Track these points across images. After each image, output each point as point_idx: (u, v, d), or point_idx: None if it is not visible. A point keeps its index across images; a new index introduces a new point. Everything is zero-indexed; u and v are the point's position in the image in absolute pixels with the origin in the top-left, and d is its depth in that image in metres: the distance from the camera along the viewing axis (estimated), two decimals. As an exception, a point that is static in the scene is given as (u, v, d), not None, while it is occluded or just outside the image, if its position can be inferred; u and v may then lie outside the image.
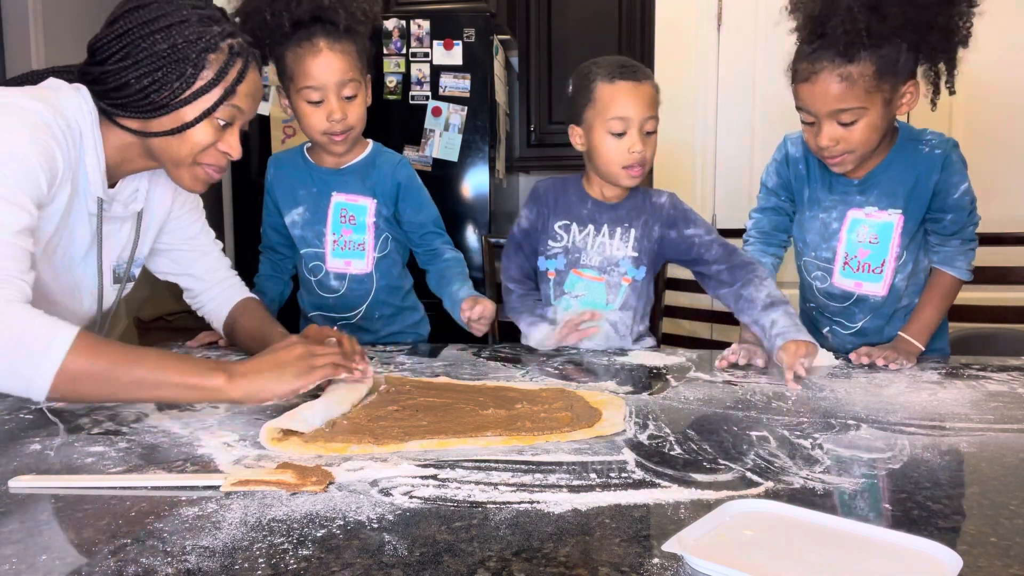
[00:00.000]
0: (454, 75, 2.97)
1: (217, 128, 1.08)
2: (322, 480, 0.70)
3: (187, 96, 1.05)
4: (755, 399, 1.06)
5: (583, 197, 1.49)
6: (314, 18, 1.40)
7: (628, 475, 0.73)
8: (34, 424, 0.94)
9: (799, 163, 1.47)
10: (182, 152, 1.08)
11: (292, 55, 1.42)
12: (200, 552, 0.56)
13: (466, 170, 3.01)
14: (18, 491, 0.69)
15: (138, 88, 1.03)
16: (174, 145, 1.07)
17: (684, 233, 1.47)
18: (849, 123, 1.27)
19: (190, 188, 1.14)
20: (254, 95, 1.13)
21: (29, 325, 0.86)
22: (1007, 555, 0.55)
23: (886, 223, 1.38)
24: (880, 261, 1.40)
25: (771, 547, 0.56)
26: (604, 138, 1.39)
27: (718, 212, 2.87)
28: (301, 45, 1.40)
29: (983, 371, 1.25)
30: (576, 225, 1.48)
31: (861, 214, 1.40)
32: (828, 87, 1.26)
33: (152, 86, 1.03)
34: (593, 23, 3.50)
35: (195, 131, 1.07)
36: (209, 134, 1.08)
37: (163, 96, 1.04)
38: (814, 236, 1.46)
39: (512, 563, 0.54)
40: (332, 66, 1.41)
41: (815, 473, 0.73)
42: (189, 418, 0.94)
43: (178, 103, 1.05)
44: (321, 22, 1.40)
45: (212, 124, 1.07)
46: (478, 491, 0.68)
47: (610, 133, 1.38)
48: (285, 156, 1.62)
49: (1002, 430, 0.89)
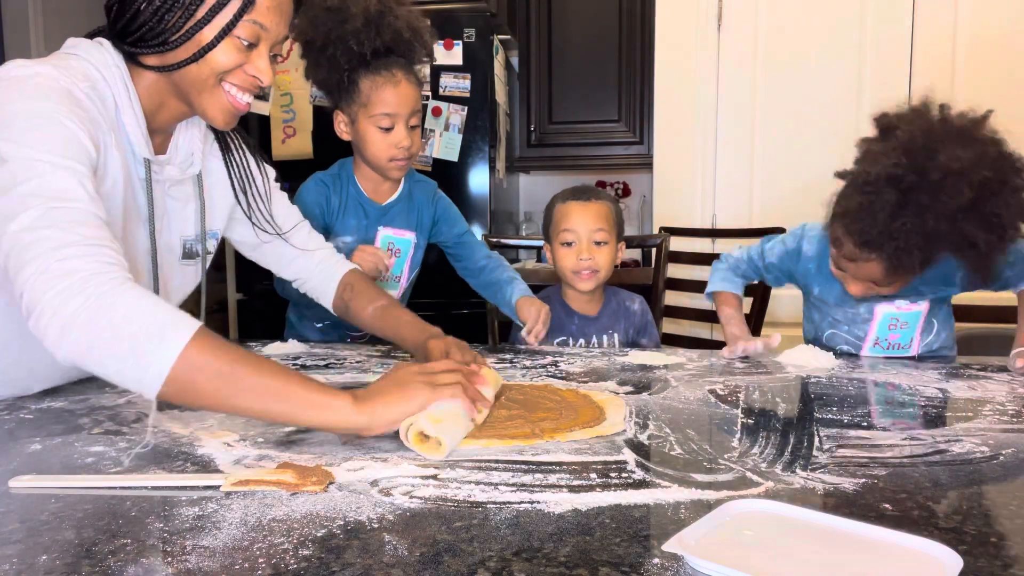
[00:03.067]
0: (454, 75, 2.97)
1: (241, 48, 1.00)
2: (322, 480, 0.70)
3: (202, 15, 0.97)
4: (756, 399, 1.06)
5: (569, 312, 1.68)
6: (388, 50, 1.51)
7: (628, 475, 0.73)
8: (34, 424, 0.94)
9: (811, 263, 1.48)
10: (203, 74, 1.00)
11: (369, 82, 1.51)
12: (200, 552, 0.56)
13: (466, 170, 3.01)
14: (18, 491, 0.69)
15: (150, 13, 0.97)
16: (194, 71, 1.00)
17: (643, 343, 1.71)
18: (885, 284, 1.29)
19: (217, 120, 1.05)
20: (279, 9, 1.02)
21: (148, 313, 0.78)
22: (1007, 555, 0.55)
23: (915, 312, 1.42)
24: (909, 340, 1.45)
25: (771, 547, 0.56)
26: (558, 253, 1.66)
27: (718, 212, 2.87)
28: (380, 74, 1.51)
29: (983, 371, 1.25)
30: (571, 340, 1.66)
31: (892, 307, 1.42)
32: (871, 271, 1.26)
33: (164, 6, 0.96)
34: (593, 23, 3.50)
35: (216, 53, 0.99)
36: (232, 54, 1.00)
37: (176, 17, 0.97)
38: (841, 316, 1.48)
39: (512, 563, 0.54)
40: (407, 96, 1.53)
41: (815, 473, 0.73)
42: (189, 418, 0.94)
43: (194, 25, 0.97)
44: (395, 55, 1.52)
45: (234, 44, 0.99)
46: (478, 491, 0.68)
47: (561, 243, 1.64)
48: (339, 183, 1.65)
49: (1002, 430, 0.89)
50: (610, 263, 1.64)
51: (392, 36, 1.50)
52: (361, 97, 1.52)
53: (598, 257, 1.62)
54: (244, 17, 0.99)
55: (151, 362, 0.77)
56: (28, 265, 0.80)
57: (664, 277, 2.08)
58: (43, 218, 0.83)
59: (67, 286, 0.79)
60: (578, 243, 1.62)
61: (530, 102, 3.56)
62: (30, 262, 0.80)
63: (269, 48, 1.04)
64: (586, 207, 1.63)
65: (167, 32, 0.98)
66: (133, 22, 0.99)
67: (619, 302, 1.71)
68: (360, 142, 1.57)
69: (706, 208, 2.88)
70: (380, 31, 1.48)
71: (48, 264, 0.80)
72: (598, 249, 1.62)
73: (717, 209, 2.87)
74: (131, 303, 0.79)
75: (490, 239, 2.05)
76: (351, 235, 1.62)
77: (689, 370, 1.27)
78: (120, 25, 1.00)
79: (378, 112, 1.52)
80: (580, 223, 1.62)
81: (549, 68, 3.54)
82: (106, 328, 0.77)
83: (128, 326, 0.77)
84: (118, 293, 0.80)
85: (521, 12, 3.53)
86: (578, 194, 1.66)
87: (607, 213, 1.64)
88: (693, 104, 2.84)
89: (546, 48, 3.54)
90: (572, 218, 1.63)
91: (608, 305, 1.70)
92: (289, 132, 2.98)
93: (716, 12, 2.81)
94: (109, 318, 0.78)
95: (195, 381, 0.78)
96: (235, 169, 1.22)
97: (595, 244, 1.62)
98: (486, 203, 3.03)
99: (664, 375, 1.22)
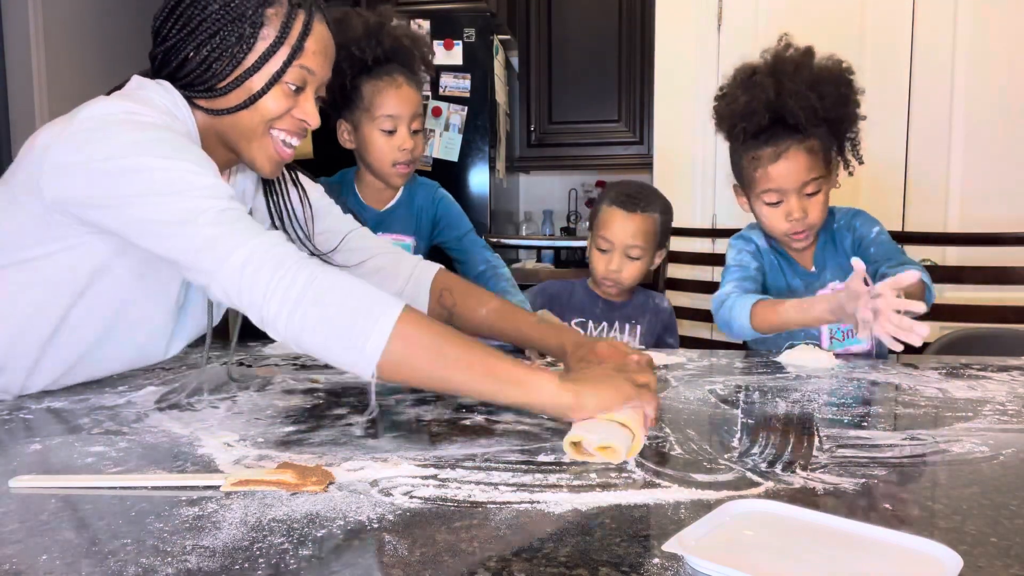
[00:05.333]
0: (454, 75, 2.98)
1: (289, 94, 1.01)
2: (322, 480, 0.70)
3: (252, 63, 0.98)
4: (756, 398, 1.06)
5: (593, 298, 1.69)
6: (388, 58, 1.55)
7: (628, 475, 0.73)
8: (34, 424, 0.94)
9: (769, 254, 1.55)
10: (254, 122, 1.01)
11: (371, 87, 1.55)
12: (200, 552, 0.56)
13: (466, 170, 3.01)
14: (18, 491, 0.69)
15: (199, 60, 0.97)
16: (244, 118, 1.01)
17: (669, 342, 1.72)
18: (813, 193, 1.43)
19: (264, 170, 1.06)
20: (325, 53, 1.03)
21: (361, 294, 0.83)
22: (1007, 555, 0.55)
23: None
24: None
25: (771, 547, 0.56)
26: (592, 253, 1.66)
27: (718, 212, 2.87)
28: (382, 79, 1.55)
29: (983, 371, 1.25)
30: (592, 323, 1.66)
31: (826, 291, 1.47)
32: (798, 161, 1.40)
33: (212, 54, 0.97)
34: (593, 23, 3.50)
35: (266, 100, 1.00)
36: (281, 101, 1.01)
37: (224, 64, 0.97)
38: None
39: (512, 563, 0.54)
40: (409, 98, 1.57)
41: (815, 473, 0.73)
42: (189, 418, 0.94)
43: (243, 74, 0.98)
44: (396, 62, 1.56)
45: (283, 90, 1.00)
46: (478, 491, 0.68)
47: (597, 249, 1.65)
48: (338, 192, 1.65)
49: (1002, 430, 0.89)
50: (638, 276, 1.63)
51: (392, 43, 1.54)
52: (364, 102, 1.55)
53: (626, 270, 1.61)
54: (293, 63, 0.99)
55: (366, 343, 0.81)
56: (233, 254, 0.85)
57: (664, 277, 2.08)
58: (224, 213, 0.87)
59: (284, 272, 0.84)
60: (611, 252, 1.61)
61: (530, 102, 3.56)
62: (234, 250, 0.85)
63: (315, 91, 1.05)
64: (628, 219, 1.60)
65: (214, 79, 0.99)
66: (181, 69, 0.99)
67: (648, 298, 1.71)
68: (363, 148, 1.59)
69: (706, 208, 2.88)
70: (380, 40, 1.53)
71: (253, 254, 0.85)
72: (629, 262, 1.61)
73: (717, 209, 2.87)
74: (343, 285, 0.84)
75: (490, 239, 2.05)
76: None
77: (689, 370, 1.27)
78: (167, 72, 1.01)
79: (380, 115, 1.55)
80: (618, 234, 1.60)
81: (549, 68, 3.54)
82: (331, 306, 0.82)
83: (341, 308, 0.82)
84: (328, 275, 0.84)
85: (521, 12, 3.54)
86: (626, 201, 1.61)
87: (649, 228, 1.61)
88: (693, 104, 2.84)
89: (546, 48, 3.54)
90: (612, 227, 1.61)
91: (636, 298, 1.70)
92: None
93: (716, 12, 2.81)
94: (331, 299, 0.83)
95: (408, 360, 0.82)
96: (274, 206, 1.19)
97: (627, 258, 1.61)
98: (486, 203, 3.03)
99: (664, 375, 1.22)
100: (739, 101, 1.42)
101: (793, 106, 1.37)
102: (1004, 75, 2.60)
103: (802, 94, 1.37)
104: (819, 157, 1.42)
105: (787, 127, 1.40)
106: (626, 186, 1.67)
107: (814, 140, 1.41)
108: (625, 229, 1.60)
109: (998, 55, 2.61)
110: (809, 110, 1.37)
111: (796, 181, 1.41)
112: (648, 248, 1.62)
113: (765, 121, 1.41)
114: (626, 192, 1.64)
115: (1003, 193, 2.61)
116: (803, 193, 1.42)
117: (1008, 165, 2.61)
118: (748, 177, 1.47)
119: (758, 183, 1.45)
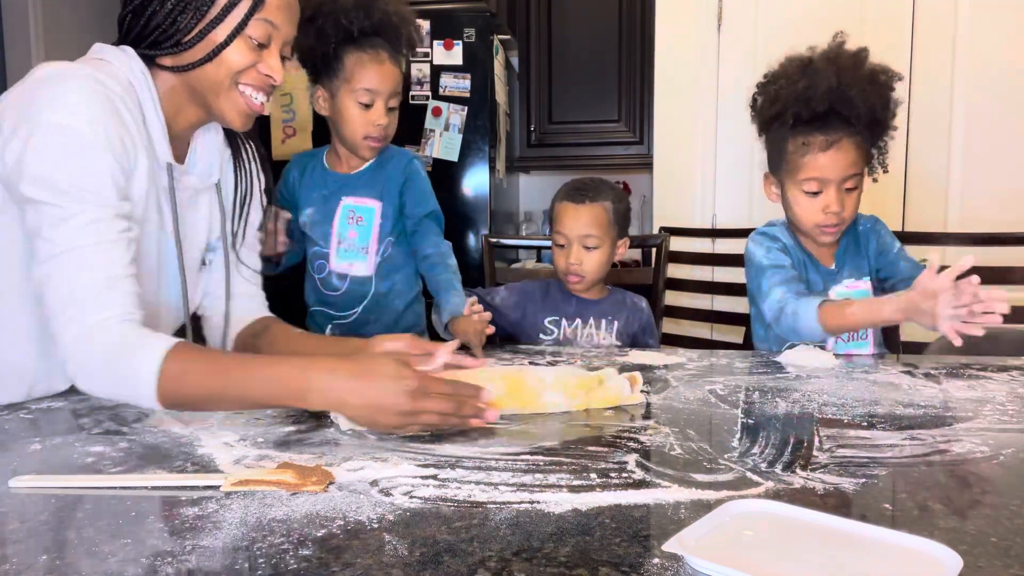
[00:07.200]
0: (454, 75, 2.97)
1: (253, 48, 1.03)
2: (322, 480, 0.70)
3: (214, 15, 1.00)
4: (756, 398, 1.06)
5: (567, 296, 1.67)
6: (375, 32, 1.55)
7: (628, 475, 0.73)
8: (34, 424, 0.94)
9: (796, 251, 1.54)
10: (219, 76, 1.03)
11: (355, 58, 1.54)
12: (200, 552, 0.56)
13: (466, 170, 3.01)
14: (18, 491, 0.69)
15: (163, 14, 1.00)
16: (210, 72, 1.03)
17: (649, 343, 1.70)
18: (851, 189, 1.43)
19: (235, 122, 1.08)
20: (289, 7, 1.06)
21: (123, 339, 0.89)
22: (1007, 555, 0.55)
23: (863, 291, 1.48)
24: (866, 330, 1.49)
25: (771, 547, 0.56)
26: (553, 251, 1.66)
27: (718, 212, 2.87)
28: (366, 51, 1.54)
29: (983, 371, 1.25)
30: (565, 320, 1.65)
31: (842, 287, 1.49)
32: (848, 153, 1.41)
33: (176, 8, 0.99)
34: (593, 23, 3.50)
35: (229, 52, 1.02)
36: (245, 54, 1.03)
37: (188, 18, 1.00)
38: None
39: (512, 563, 0.54)
40: (390, 75, 1.56)
41: (815, 473, 0.73)
42: (189, 418, 0.94)
43: (207, 26, 1.00)
44: (382, 37, 1.56)
45: (246, 43, 1.02)
46: (478, 491, 0.68)
47: (555, 246, 1.64)
48: (306, 158, 1.69)
49: (1002, 430, 0.89)
50: (600, 266, 1.62)
51: (381, 18, 1.54)
52: (344, 72, 1.54)
53: (587, 262, 1.60)
54: (255, 16, 1.02)
55: (139, 383, 0.86)
56: (60, 315, 0.91)
57: (664, 277, 2.08)
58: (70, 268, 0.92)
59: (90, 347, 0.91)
60: (568, 246, 1.61)
61: (530, 102, 3.56)
62: (60, 315, 0.92)
63: (279, 47, 1.07)
64: (578, 210, 1.61)
65: (180, 33, 1.01)
66: (147, 26, 1.02)
67: (626, 297, 1.71)
68: (337, 117, 1.58)
69: (706, 208, 2.88)
70: (369, 12, 1.53)
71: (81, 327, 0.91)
72: (587, 253, 1.60)
73: (717, 209, 2.87)
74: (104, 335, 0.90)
75: (490, 239, 2.05)
76: (312, 206, 1.63)
77: (689, 370, 1.27)
78: (135, 32, 1.03)
79: (359, 87, 1.54)
80: (571, 226, 1.60)
81: (549, 68, 3.54)
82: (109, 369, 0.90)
83: (107, 355, 0.89)
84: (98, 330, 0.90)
85: (521, 12, 3.53)
86: (574, 194, 1.63)
87: (601, 216, 1.61)
88: (693, 104, 2.84)
89: (546, 48, 3.54)
90: (564, 220, 1.62)
91: (613, 296, 1.70)
92: (289, 132, 2.98)
93: (716, 12, 2.80)
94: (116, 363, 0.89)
95: (181, 390, 0.87)
96: (242, 182, 1.22)
97: (585, 248, 1.60)
98: (486, 203, 3.03)
99: (664, 375, 1.22)
100: (797, 85, 1.41)
101: (855, 97, 1.38)
102: (1004, 75, 2.60)
103: (863, 88, 1.38)
104: (863, 154, 1.43)
105: (840, 118, 1.40)
106: (577, 182, 1.68)
107: (860, 136, 1.41)
108: (577, 220, 1.60)
109: (998, 55, 2.61)
110: (867, 104, 1.38)
111: (841, 173, 1.41)
112: (604, 236, 1.61)
113: (823, 107, 1.39)
114: (575, 186, 1.65)
115: (1003, 193, 2.61)
116: (843, 187, 1.42)
117: (1008, 165, 2.61)
118: (792, 163, 1.45)
119: (802, 170, 1.43)
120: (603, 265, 1.63)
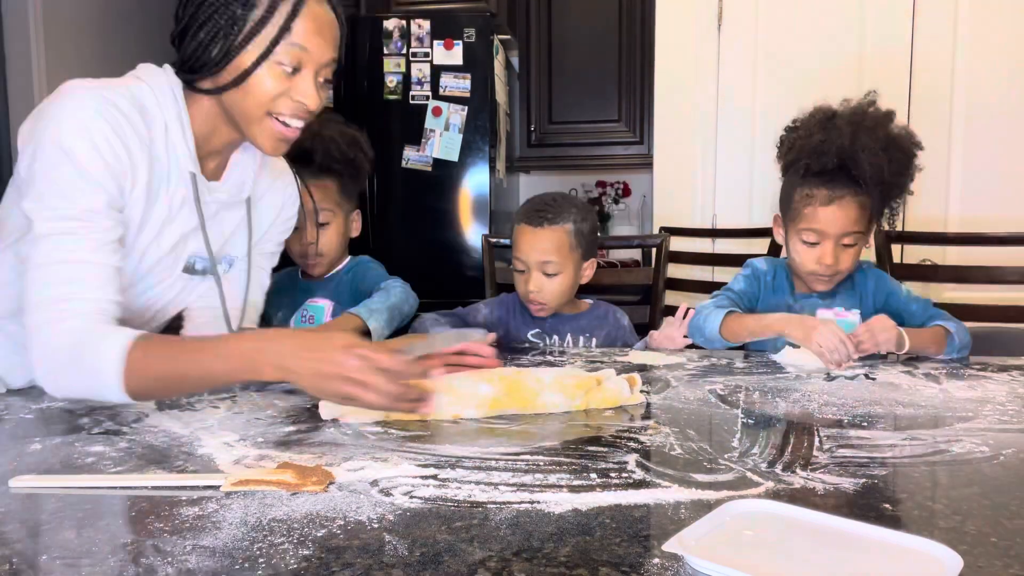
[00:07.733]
0: (454, 75, 2.98)
1: (283, 75, 1.01)
2: (322, 480, 0.70)
3: (241, 39, 0.99)
4: (756, 398, 1.06)
5: None
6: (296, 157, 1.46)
7: (628, 475, 0.73)
8: (34, 424, 0.94)
9: (768, 275, 1.60)
10: (249, 104, 1.02)
11: None
12: (200, 552, 0.56)
13: (466, 170, 3.01)
14: (18, 491, 0.69)
15: (198, 43, 1.01)
16: (239, 98, 1.02)
17: None
18: (849, 245, 1.45)
19: (264, 147, 1.07)
20: (321, 33, 1.02)
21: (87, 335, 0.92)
22: (1007, 555, 0.55)
23: (851, 323, 1.48)
24: None
25: (771, 547, 0.56)
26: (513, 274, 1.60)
27: (718, 212, 2.87)
28: None
29: (983, 371, 1.25)
30: (544, 334, 1.60)
31: (830, 313, 1.51)
32: (848, 211, 1.43)
33: (207, 36, 1.00)
34: (593, 23, 3.50)
35: (257, 78, 1.00)
36: (273, 81, 1.01)
37: (219, 45, 1.00)
38: None
39: (512, 563, 0.54)
40: None
41: (815, 473, 0.73)
42: (189, 418, 0.94)
43: (235, 50, 0.99)
44: (302, 160, 1.50)
45: (275, 69, 1.01)
46: (478, 491, 0.68)
47: (514, 270, 1.58)
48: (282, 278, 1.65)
49: (1002, 430, 0.89)
50: (562, 292, 1.54)
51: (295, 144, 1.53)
52: None
53: (547, 289, 1.52)
54: (282, 40, 1.00)
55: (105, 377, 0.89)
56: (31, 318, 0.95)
57: (664, 277, 2.08)
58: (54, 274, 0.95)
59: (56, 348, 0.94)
60: (527, 271, 1.52)
61: (530, 102, 3.56)
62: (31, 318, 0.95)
63: (315, 72, 1.04)
64: (536, 235, 1.51)
65: (211, 56, 1.02)
66: (187, 51, 1.03)
67: (608, 312, 1.64)
68: None
69: (706, 208, 2.88)
70: None
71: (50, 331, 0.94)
72: (547, 280, 1.51)
73: (717, 209, 2.87)
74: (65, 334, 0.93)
75: (490, 239, 2.05)
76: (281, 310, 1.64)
77: (689, 370, 1.27)
78: (181, 55, 1.05)
79: None
80: (528, 252, 1.52)
81: (549, 68, 3.54)
82: None
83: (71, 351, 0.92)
84: None
85: (521, 12, 3.53)
86: (532, 216, 1.53)
87: (561, 240, 1.51)
88: (693, 104, 2.84)
89: (546, 48, 3.54)
90: (522, 245, 1.53)
91: (594, 310, 1.63)
92: (289, 132, 2.97)
93: (716, 12, 2.80)
94: None
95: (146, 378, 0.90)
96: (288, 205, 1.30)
97: (545, 275, 1.51)
98: (486, 203, 3.03)
99: (664, 375, 1.22)
100: (813, 138, 1.45)
101: (863, 160, 1.40)
102: (1004, 75, 2.60)
103: (875, 152, 1.40)
104: (866, 214, 1.45)
105: (848, 176, 1.42)
106: (537, 200, 1.57)
107: (867, 197, 1.43)
108: (534, 246, 1.51)
109: (998, 55, 2.61)
110: (876, 168, 1.40)
111: (840, 229, 1.43)
112: (565, 262, 1.51)
113: (832, 164, 1.42)
114: (535, 207, 1.55)
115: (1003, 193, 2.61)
116: (840, 242, 1.44)
117: (1008, 165, 2.61)
118: (795, 211, 1.48)
119: (803, 220, 1.46)
120: (566, 291, 1.55)
